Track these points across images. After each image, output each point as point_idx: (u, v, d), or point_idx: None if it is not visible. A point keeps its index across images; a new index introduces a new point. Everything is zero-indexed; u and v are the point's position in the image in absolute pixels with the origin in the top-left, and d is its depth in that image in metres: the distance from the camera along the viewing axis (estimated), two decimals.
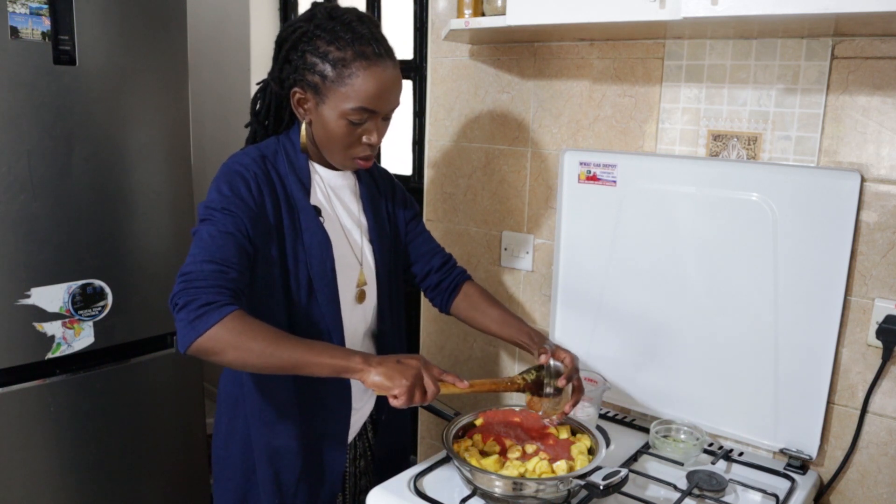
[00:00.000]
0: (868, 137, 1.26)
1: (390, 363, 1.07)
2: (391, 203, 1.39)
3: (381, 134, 1.20)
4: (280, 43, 1.19)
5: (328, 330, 1.23)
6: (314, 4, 1.20)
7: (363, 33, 1.14)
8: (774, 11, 1.08)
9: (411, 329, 2.17)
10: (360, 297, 1.30)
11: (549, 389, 1.19)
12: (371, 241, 1.32)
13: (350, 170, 1.29)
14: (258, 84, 1.29)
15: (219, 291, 1.05)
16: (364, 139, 1.18)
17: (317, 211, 1.23)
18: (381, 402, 1.38)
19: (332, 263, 1.22)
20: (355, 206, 1.32)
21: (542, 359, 1.22)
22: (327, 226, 1.23)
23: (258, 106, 1.28)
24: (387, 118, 1.20)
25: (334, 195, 1.28)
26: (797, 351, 1.34)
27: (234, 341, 1.03)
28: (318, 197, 1.25)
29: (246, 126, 1.32)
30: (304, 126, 1.21)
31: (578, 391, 1.22)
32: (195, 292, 1.04)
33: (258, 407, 1.24)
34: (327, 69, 1.13)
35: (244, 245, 1.12)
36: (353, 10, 1.17)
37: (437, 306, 1.46)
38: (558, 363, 1.20)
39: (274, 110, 1.27)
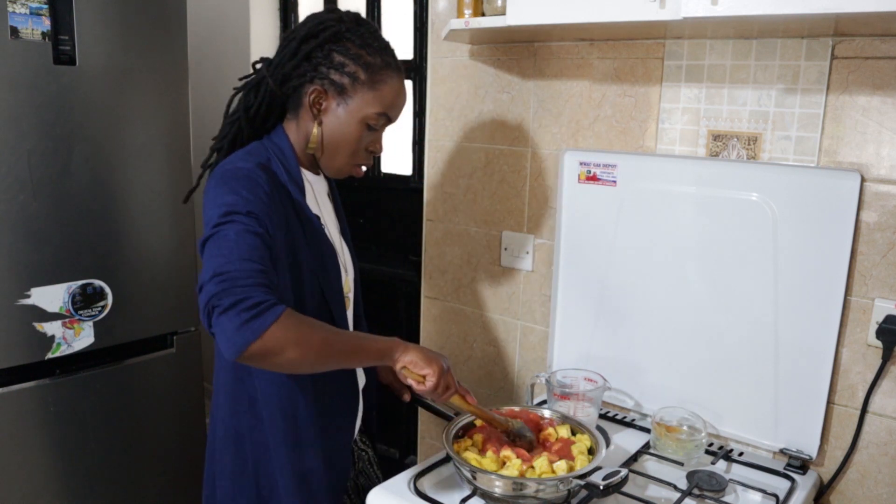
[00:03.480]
0: (868, 137, 1.26)
1: (423, 349, 1.14)
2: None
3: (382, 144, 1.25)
4: (304, 38, 1.14)
5: None
6: (337, 10, 1.19)
7: (387, 45, 1.19)
8: (774, 11, 1.08)
9: (412, 329, 2.18)
10: (347, 305, 1.28)
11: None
12: (347, 246, 1.31)
13: (341, 177, 1.25)
14: (244, 79, 1.22)
15: (266, 291, 0.98)
16: (370, 148, 1.21)
17: (317, 220, 1.20)
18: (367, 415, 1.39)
19: (337, 274, 1.21)
20: (331, 210, 1.30)
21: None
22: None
23: (251, 102, 1.20)
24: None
25: (321, 200, 1.26)
26: (797, 351, 1.34)
27: (295, 337, 0.98)
28: (311, 204, 1.21)
29: (231, 122, 1.22)
30: (315, 127, 1.17)
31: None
32: (242, 291, 0.95)
33: (282, 432, 1.18)
34: (360, 71, 1.14)
35: (273, 249, 1.06)
36: (372, 22, 1.20)
37: None
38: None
39: (265, 109, 1.20)
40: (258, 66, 1.21)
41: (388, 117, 1.19)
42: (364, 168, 1.24)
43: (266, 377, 1.16)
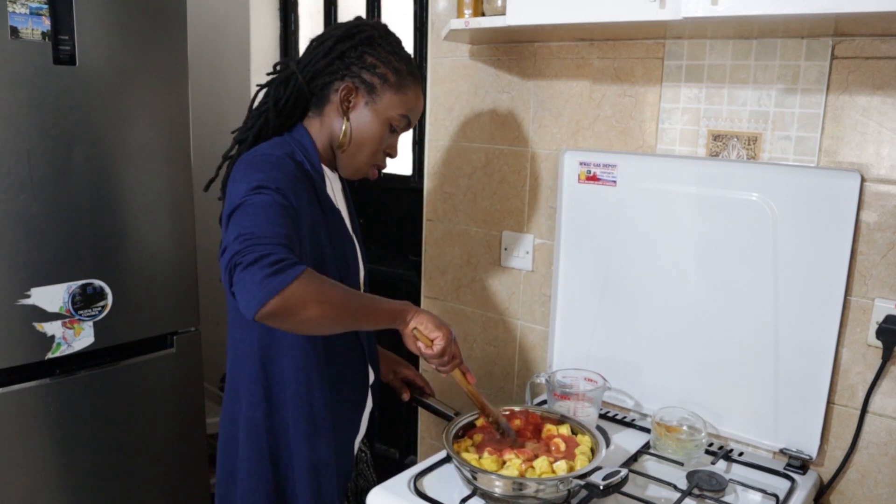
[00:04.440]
0: (868, 137, 1.26)
1: (434, 315, 1.15)
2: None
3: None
4: (340, 38, 1.21)
5: (358, 338, 1.25)
6: (365, 19, 1.26)
7: (410, 56, 1.27)
8: (774, 11, 1.08)
9: None
10: None
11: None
12: (359, 244, 1.34)
13: (357, 177, 1.29)
14: (271, 75, 1.25)
15: (289, 251, 0.99)
16: (387, 150, 1.27)
17: (339, 213, 1.24)
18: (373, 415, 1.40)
19: (356, 267, 1.25)
20: (345, 208, 1.33)
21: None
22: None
23: (280, 95, 1.23)
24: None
25: (338, 197, 1.29)
26: (797, 351, 1.34)
27: (316, 295, 0.98)
28: (332, 199, 1.25)
29: (258, 115, 1.25)
30: (344, 122, 1.22)
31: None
32: (265, 248, 0.97)
33: (298, 419, 1.20)
34: (389, 74, 1.21)
35: (298, 227, 1.08)
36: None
37: None
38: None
39: (292, 104, 1.24)
40: (279, 66, 1.26)
41: (409, 120, 1.26)
42: (378, 170, 1.29)
43: (285, 363, 1.19)
